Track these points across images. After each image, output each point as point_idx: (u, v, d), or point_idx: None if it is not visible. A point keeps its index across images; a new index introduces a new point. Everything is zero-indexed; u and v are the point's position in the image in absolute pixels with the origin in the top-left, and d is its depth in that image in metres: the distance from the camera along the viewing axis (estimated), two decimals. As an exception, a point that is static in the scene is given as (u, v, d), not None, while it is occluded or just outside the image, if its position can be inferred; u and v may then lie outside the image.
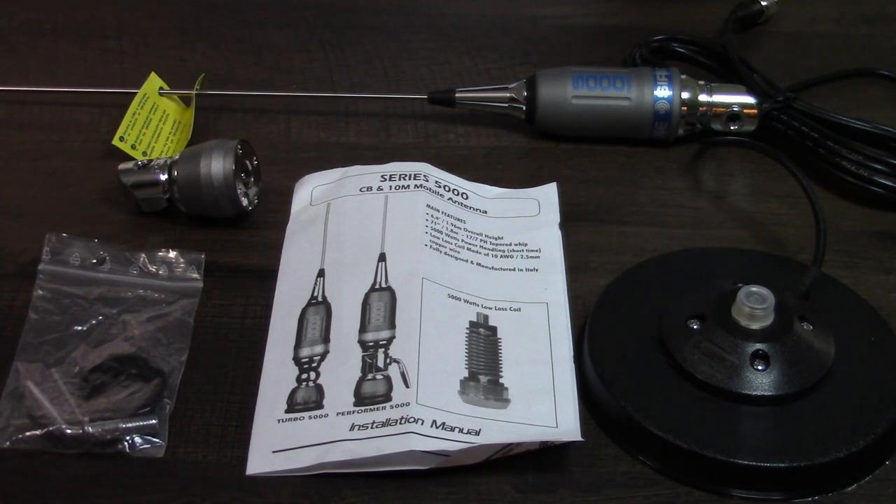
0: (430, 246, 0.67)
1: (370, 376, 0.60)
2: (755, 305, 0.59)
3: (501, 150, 0.79)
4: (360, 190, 0.71)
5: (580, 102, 0.78)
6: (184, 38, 0.91)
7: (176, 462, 0.58)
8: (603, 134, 0.79)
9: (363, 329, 0.63)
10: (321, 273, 0.67)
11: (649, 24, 0.91)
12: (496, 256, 0.69)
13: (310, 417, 0.59)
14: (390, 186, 0.71)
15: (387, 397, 0.59)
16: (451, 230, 0.69)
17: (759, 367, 0.59)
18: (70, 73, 0.86)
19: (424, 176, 0.72)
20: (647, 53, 0.85)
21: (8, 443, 0.58)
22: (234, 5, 0.95)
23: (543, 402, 0.60)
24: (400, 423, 0.57)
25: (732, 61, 0.82)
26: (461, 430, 0.57)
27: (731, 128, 0.78)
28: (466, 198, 0.73)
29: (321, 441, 0.58)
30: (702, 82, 0.78)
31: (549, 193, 0.73)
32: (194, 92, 0.81)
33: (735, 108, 0.77)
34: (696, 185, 0.77)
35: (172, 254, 0.68)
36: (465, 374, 0.61)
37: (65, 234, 0.68)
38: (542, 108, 0.78)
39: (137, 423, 0.58)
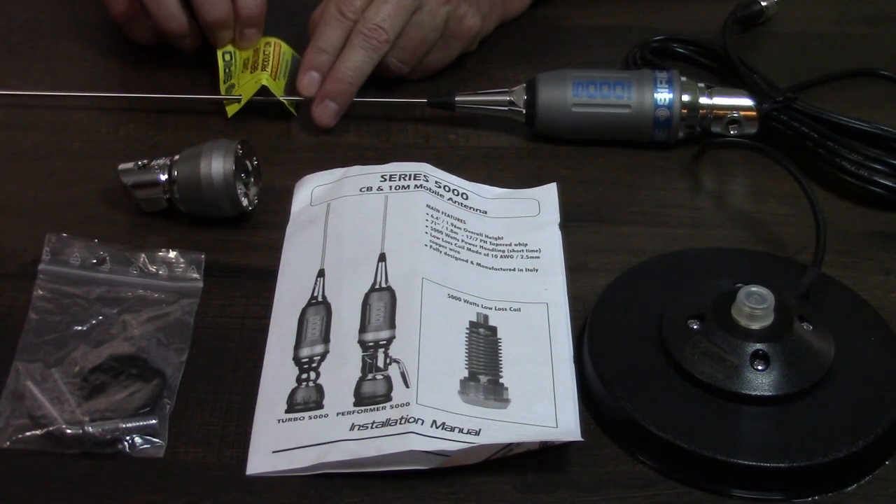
0: (430, 246, 0.67)
1: (370, 376, 0.60)
2: (755, 305, 0.59)
3: (501, 150, 0.79)
4: (360, 190, 0.72)
5: (580, 110, 0.77)
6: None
7: (176, 462, 0.58)
8: (603, 138, 0.79)
9: (363, 329, 0.63)
10: (321, 273, 0.67)
11: (649, 24, 0.91)
12: (496, 256, 0.69)
13: (310, 417, 0.59)
14: (390, 187, 0.71)
15: (387, 397, 0.59)
16: (451, 230, 0.69)
17: (759, 367, 0.59)
18: (70, 73, 0.86)
19: (424, 176, 0.72)
20: (648, 54, 0.85)
21: (8, 443, 0.58)
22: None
23: (543, 402, 0.60)
24: (400, 423, 0.57)
25: (732, 62, 0.82)
26: (461, 430, 0.57)
27: (732, 132, 0.77)
28: (466, 198, 0.73)
29: (321, 441, 0.58)
30: (702, 85, 0.78)
31: (549, 194, 0.73)
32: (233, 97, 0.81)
33: (735, 115, 0.77)
34: (696, 186, 0.77)
35: (172, 254, 0.68)
36: (465, 374, 0.61)
37: (65, 234, 0.68)
38: (542, 113, 0.78)
39: (137, 423, 0.58)
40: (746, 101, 0.77)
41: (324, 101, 0.79)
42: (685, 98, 0.77)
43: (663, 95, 0.77)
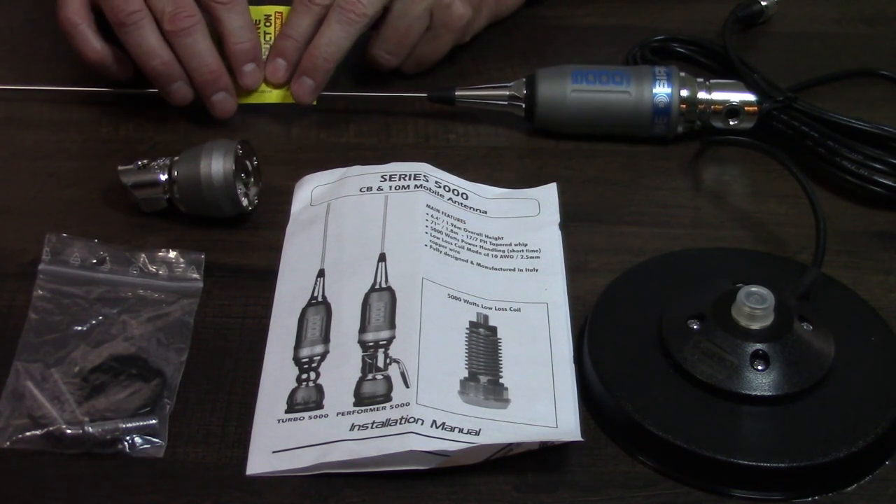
0: (430, 246, 0.67)
1: (370, 376, 0.60)
2: (755, 305, 0.59)
3: (501, 149, 0.79)
4: (360, 190, 0.72)
5: (579, 97, 0.77)
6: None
7: (176, 462, 0.58)
8: (602, 130, 0.79)
9: (363, 329, 0.63)
10: (321, 273, 0.67)
11: (649, 24, 0.91)
12: (496, 256, 0.69)
13: (310, 417, 0.59)
14: (390, 186, 0.71)
15: (387, 397, 0.59)
16: (451, 230, 0.69)
17: (759, 367, 0.59)
18: (70, 72, 0.86)
19: (424, 176, 0.72)
20: (648, 54, 0.85)
21: (8, 443, 0.58)
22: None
23: (543, 402, 0.60)
24: (400, 423, 0.57)
25: (733, 61, 0.82)
26: (461, 430, 0.57)
27: (731, 123, 0.78)
28: (466, 198, 0.73)
29: (321, 441, 0.58)
30: (700, 80, 0.78)
31: (549, 193, 0.73)
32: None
33: (734, 103, 0.77)
34: (696, 185, 0.77)
35: (172, 254, 0.68)
36: (465, 374, 0.61)
37: (65, 234, 0.68)
38: (542, 103, 0.78)
39: (137, 423, 0.58)
40: (746, 94, 0.78)
41: (300, 78, 0.78)
42: (684, 92, 0.77)
43: (662, 87, 0.77)
